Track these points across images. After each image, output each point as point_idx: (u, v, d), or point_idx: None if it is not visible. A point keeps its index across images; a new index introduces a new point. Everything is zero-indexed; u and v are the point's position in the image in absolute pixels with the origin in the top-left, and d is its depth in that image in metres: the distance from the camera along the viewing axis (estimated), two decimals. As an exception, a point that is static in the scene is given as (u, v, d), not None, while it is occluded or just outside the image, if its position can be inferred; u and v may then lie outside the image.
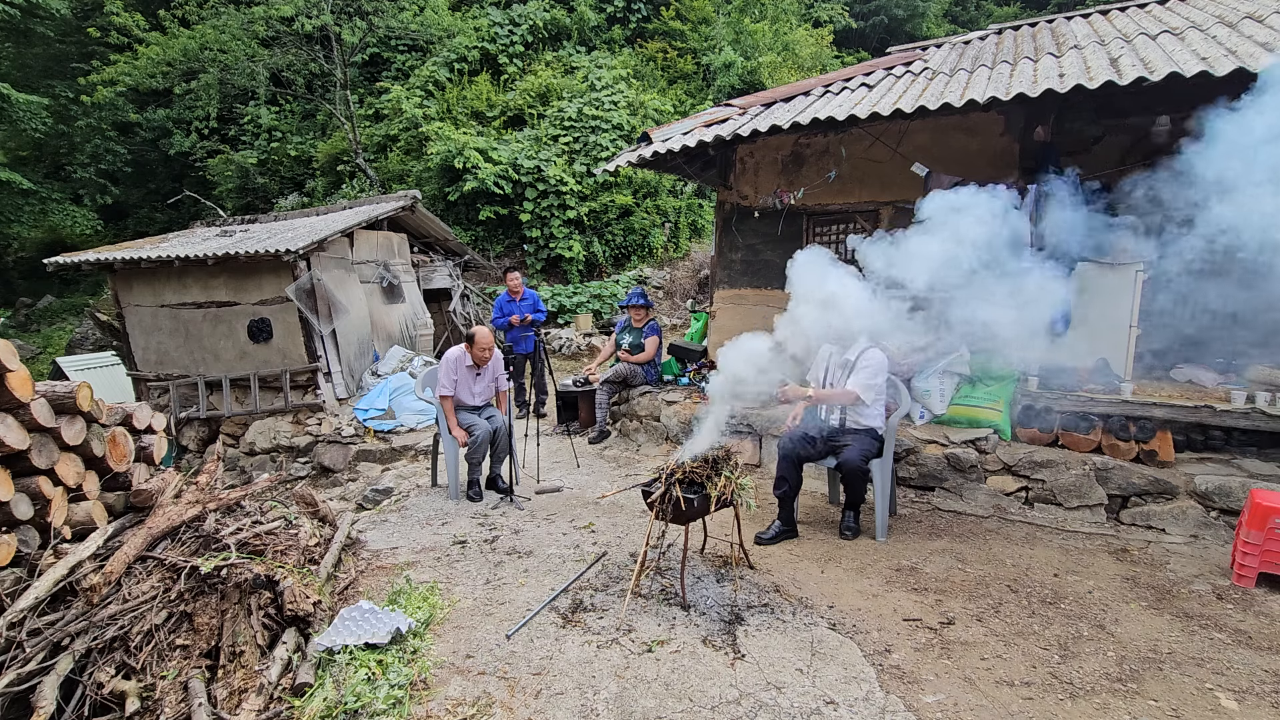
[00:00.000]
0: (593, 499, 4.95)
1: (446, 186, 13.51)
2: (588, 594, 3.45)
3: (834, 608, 3.31)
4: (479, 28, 16.19)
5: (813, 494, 4.92)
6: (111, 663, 2.73)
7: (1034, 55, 5.09)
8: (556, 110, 14.35)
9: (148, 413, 3.81)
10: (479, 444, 4.81)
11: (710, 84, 16.90)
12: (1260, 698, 2.59)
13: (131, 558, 3.05)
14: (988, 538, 4.16)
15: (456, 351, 4.95)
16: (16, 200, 16.28)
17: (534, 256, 13.64)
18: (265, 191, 17.32)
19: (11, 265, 18.30)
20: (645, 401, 6.39)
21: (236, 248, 7.84)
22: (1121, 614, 3.22)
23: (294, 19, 13.95)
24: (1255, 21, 4.47)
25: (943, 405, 4.96)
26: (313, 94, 16.48)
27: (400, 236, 9.93)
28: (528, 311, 7.42)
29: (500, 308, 7.52)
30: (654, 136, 5.78)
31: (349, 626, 2.97)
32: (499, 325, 7.48)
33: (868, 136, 5.76)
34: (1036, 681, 2.71)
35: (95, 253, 8.91)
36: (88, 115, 16.90)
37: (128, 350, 9.03)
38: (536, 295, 7.72)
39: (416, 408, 7.67)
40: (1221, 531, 4.01)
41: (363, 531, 4.41)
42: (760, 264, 6.74)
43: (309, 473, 7.45)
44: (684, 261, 14.81)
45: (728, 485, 3.36)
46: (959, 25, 22.39)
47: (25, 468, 3.03)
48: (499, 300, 7.59)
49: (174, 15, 14.65)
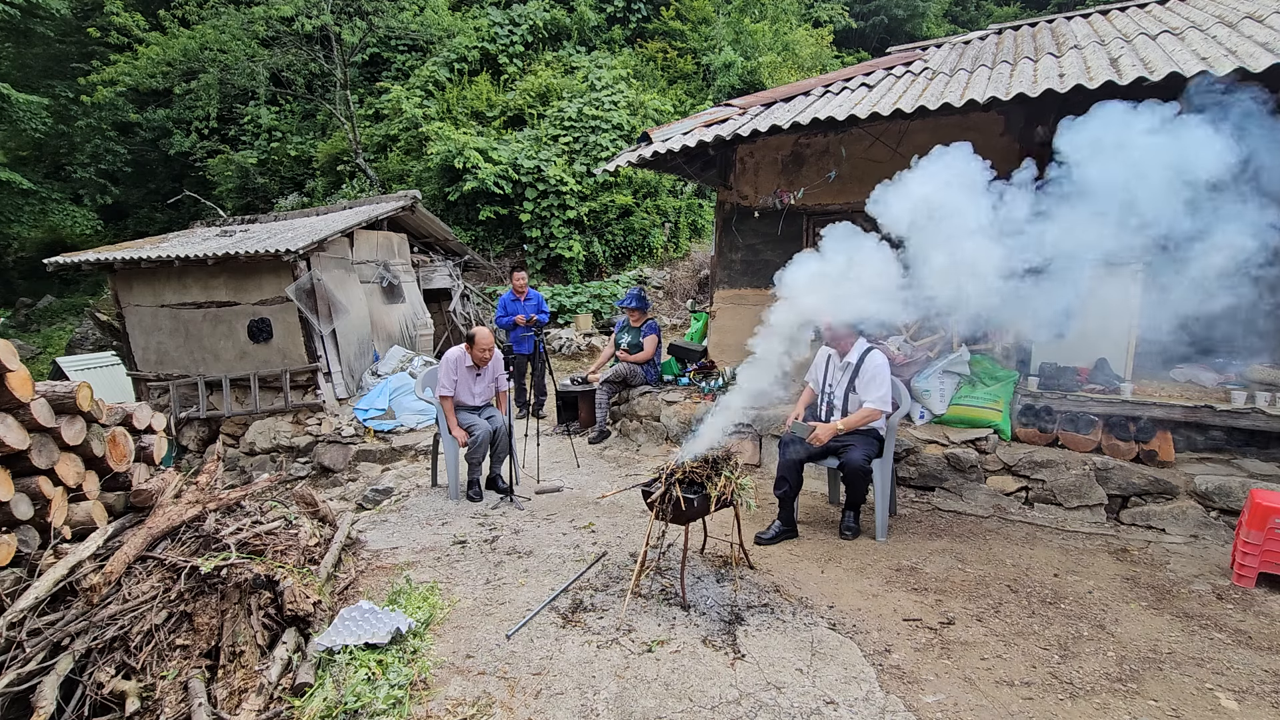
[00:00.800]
0: (593, 499, 4.95)
1: (446, 186, 13.51)
2: (588, 594, 3.45)
3: (834, 608, 3.31)
4: (479, 28, 16.19)
5: (813, 494, 4.92)
6: (111, 663, 2.73)
7: (1034, 55, 5.09)
8: (556, 110, 14.35)
9: (148, 413, 3.81)
10: (479, 444, 4.81)
11: (710, 84, 16.90)
12: (1260, 698, 2.59)
13: (131, 558, 3.05)
14: (988, 538, 4.16)
15: (456, 352, 4.95)
16: (16, 200, 16.28)
17: (534, 256, 13.64)
18: (265, 191, 17.32)
19: (11, 265, 18.30)
20: (645, 401, 6.39)
21: (236, 248, 7.84)
22: (1121, 614, 3.22)
23: (294, 19, 13.94)
24: (1255, 21, 4.46)
25: (943, 405, 4.96)
26: (313, 94, 16.48)
27: (400, 236, 9.93)
28: (532, 312, 7.40)
29: (504, 306, 7.49)
30: (654, 136, 5.78)
31: (349, 626, 2.97)
32: (502, 324, 7.45)
33: (868, 136, 5.76)
34: (1036, 681, 2.71)
35: (95, 253, 8.91)
36: (88, 115, 16.90)
37: (128, 350, 9.03)
38: (541, 296, 7.70)
39: (416, 408, 7.67)
40: (1221, 531, 4.01)
41: (363, 531, 4.41)
42: (760, 264, 6.73)
43: (309, 473, 7.44)
44: (684, 261, 14.81)
45: (728, 485, 3.36)
46: (959, 25, 22.39)
47: (25, 468, 3.03)
48: (503, 299, 7.56)
49: (174, 15, 14.65)
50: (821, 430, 3.91)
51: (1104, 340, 4.73)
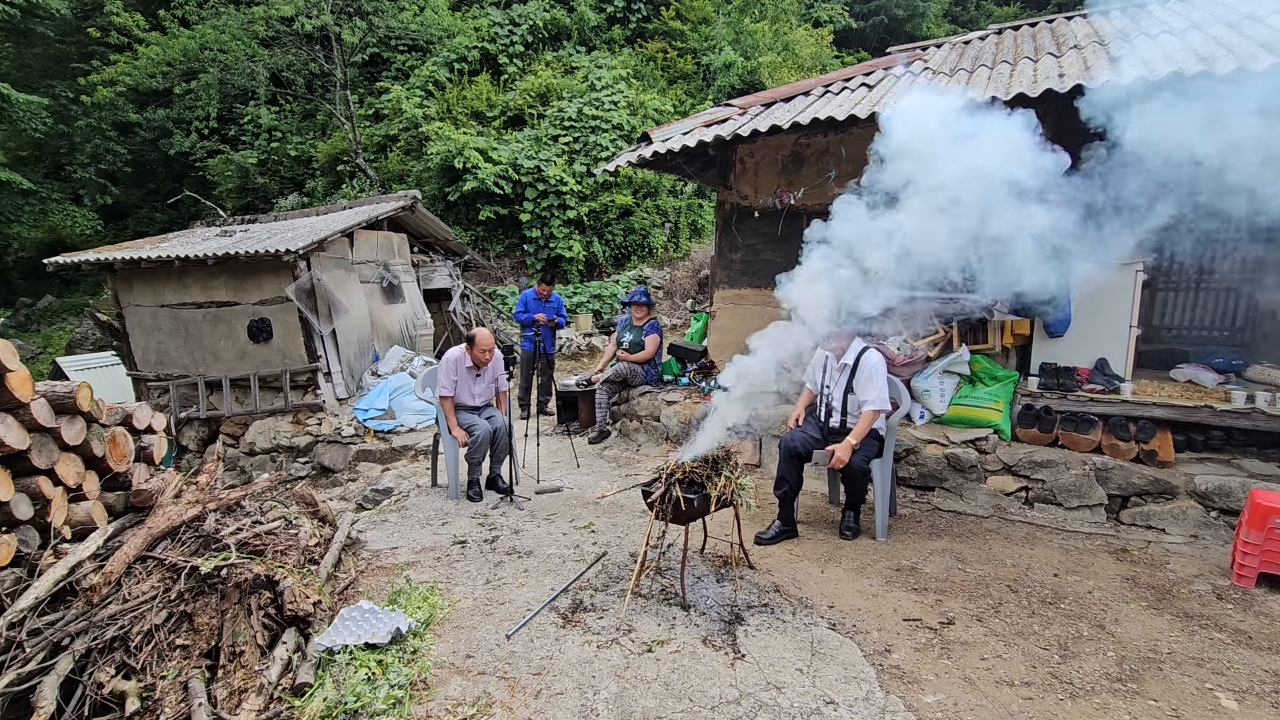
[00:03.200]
0: (593, 499, 4.94)
1: (446, 186, 13.51)
2: (588, 594, 3.45)
3: (834, 608, 3.31)
4: (479, 28, 16.19)
5: (813, 494, 4.92)
6: (111, 663, 2.73)
7: (1034, 55, 5.09)
8: (556, 110, 14.35)
9: (148, 413, 3.81)
10: (479, 444, 4.81)
11: (710, 84, 16.90)
12: (1260, 698, 2.59)
13: (131, 558, 3.05)
14: (988, 538, 4.16)
15: (456, 352, 4.95)
16: (16, 200, 16.28)
17: (534, 256, 13.64)
18: (265, 191, 17.32)
19: (11, 265, 18.30)
20: (645, 401, 6.39)
21: (236, 248, 7.84)
22: (1121, 614, 3.22)
23: (294, 19, 13.94)
24: (1255, 21, 4.46)
25: (943, 405, 4.96)
26: (313, 94, 16.48)
27: (400, 236, 9.93)
28: (553, 313, 7.46)
29: (525, 303, 7.51)
30: (654, 136, 5.78)
31: (349, 626, 2.97)
32: (520, 320, 7.47)
33: (868, 136, 5.75)
34: (1036, 681, 2.71)
35: (95, 253, 8.91)
36: (88, 115, 16.90)
37: (128, 350, 9.03)
38: (561, 300, 7.74)
39: (416, 408, 7.67)
40: (1221, 531, 4.01)
41: (363, 531, 4.41)
42: (760, 264, 6.73)
43: (309, 473, 7.44)
44: (684, 261, 14.82)
45: (728, 485, 3.36)
46: (959, 25, 22.37)
47: (25, 468, 3.03)
48: (525, 295, 7.57)
49: (174, 15, 14.64)
50: (841, 451, 3.90)
51: (1104, 340, 4.74)
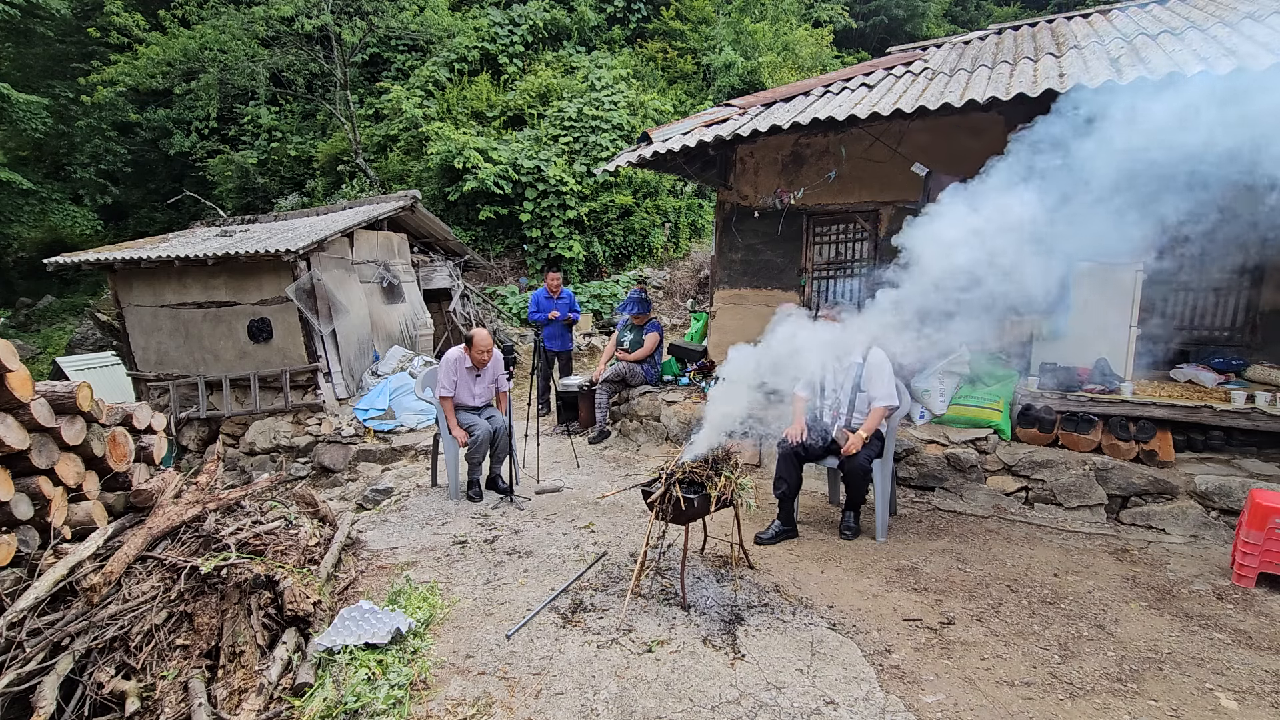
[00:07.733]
0: (593, 499, 4.94)
1: (446, 186, 13.50)
2: (588, 594, 3.45)
3: (834, 608, 3.31)
4: (479, 28, 16.19)
5: (813, 494, 4.92)
6: (111, 663, 2.73)
7: (1034, 55, 5.09)
8: (556, 110, 14.35)
9: (148, 413, 3.81)
10: (479, 444, 4.81)
11: (710, 84, 16.89)
12: (1260, 698, 2.59)
13: (131, 558, 3.05)
14: (988, 538, 4.16)
15: (456, 353, 4.95)
16: (16, 200, 16.27)
17: (534, 256, 13.64)
18: (265, 191, 17.31)
19: (11, 265, 18.29)
20: (645, 401, 6.39)
21: (236, 248, 7.84)
22: (1121, 614, 3.22)
23: (294, 19, 13.95)
24: (1255, 21, 4.47)
25: (943, 405, 4.96)
26: (313, 94, 16.47)
27: (400, 236, 9.93)
28: (565, 310, 7.46)
29: (537, 303, 7.51)
30: (654, 136, 5.78)
31: (349, 626, 2.97)
32: (535, 320, 7.47)
33: (868, 136, 5.76)
34: (1036, 681, 2.71)
35: (95, 253, 8.91)
36: (88, 115, 16.89)
37: (128, 350, 9.03)
38: (573, 295, 7.74)
39: (416, 408, 7.67)
40: (1221, 531, 4.01)
41: (363, 531, 4.41)
42: (760, 264, 6.74)
43: (309, 473, 7.44)
44: (684, 261, 14.81)
45: (728, 485, 3.36)
46: (959, 25, 22.37)
47: (25, 468, 3.03)
48: (535, 295, 7.58)
49: (174, 15, 14.65)
50: (854, 439, 3.93)
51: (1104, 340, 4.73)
